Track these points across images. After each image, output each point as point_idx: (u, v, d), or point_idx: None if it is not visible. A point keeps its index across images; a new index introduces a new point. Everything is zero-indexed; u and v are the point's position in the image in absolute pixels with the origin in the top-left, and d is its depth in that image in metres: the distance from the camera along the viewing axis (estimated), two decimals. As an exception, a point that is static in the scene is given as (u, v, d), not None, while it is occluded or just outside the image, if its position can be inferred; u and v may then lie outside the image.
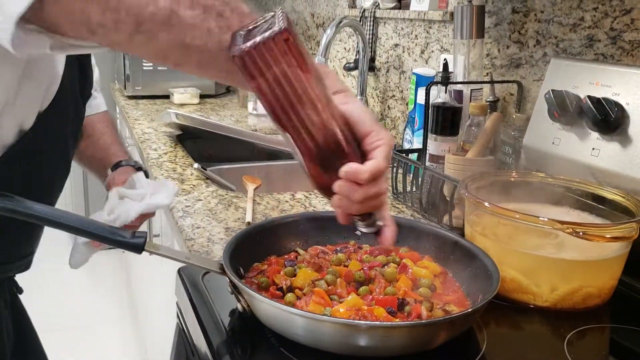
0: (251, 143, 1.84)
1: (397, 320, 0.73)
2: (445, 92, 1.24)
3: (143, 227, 1.99)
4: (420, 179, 1.27)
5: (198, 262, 0.79)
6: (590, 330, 0.82)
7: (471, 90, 1.29)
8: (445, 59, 1.25)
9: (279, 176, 1.80)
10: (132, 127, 2.13)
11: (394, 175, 1.38)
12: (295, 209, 1.30)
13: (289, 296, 0.77)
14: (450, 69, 1.29)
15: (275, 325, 0.73)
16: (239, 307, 0.76)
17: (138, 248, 0.73)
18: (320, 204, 1.33)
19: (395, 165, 1.37)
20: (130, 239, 0.72)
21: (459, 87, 1.28)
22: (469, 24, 1.26)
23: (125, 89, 2.68)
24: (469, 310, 0.70)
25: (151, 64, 2.55)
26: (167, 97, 2.65)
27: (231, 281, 0.75)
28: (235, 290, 0.76)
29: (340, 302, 0.76)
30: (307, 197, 1.38)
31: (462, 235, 0.98)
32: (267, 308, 0.71)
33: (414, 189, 1.31)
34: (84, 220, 0.73)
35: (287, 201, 1.34)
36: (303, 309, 0.73)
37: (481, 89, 1.31)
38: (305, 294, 0.78)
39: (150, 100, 2.63)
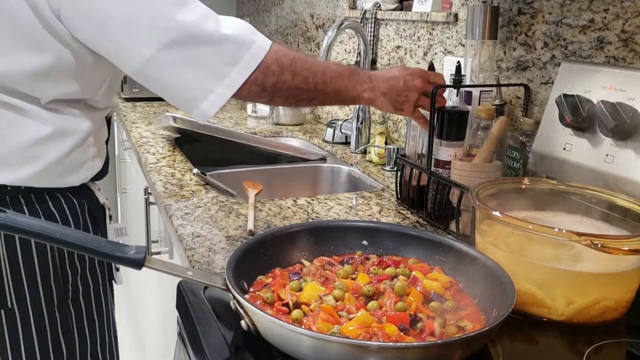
0: (251, 146, 1.81)
1: (409, 338, 0.69)
2: (457, 95, 1.21)
3: (141, 233, 1.96)
4: (426, 185, 1.23)
5: (200, 277, 0.76)
6: (609, 345, 0.79)
7: (480, 92, 1.26)
8: (458, 62, 1.22)
9: (280, 180, 1.77)
10: (129, 130, 2.10)
11: (399, 180, 1.35)
12: (298, 215, 1.27)
13: (296, 313, 0.74)
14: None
15: (282, 344, 0.70)
16: (243, 324, 0.73)
17: (138, 264, 0.70)
18: (323, 210, 1.30)
19: (400, 170, 1.34)
20: (129, 254, 0.69)
21: (469, 89, 1.25)
22: (481, 25, 1.23)
23: (122, 91, 2.64)
24: (486, 328, 0.67)
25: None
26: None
27: (236, 299, 0.72)
28: (240, 307, 0.72)
29: (350, 319, 0.73)
30: (309, 203, 1.35)
31: (471, 242, 0.95)
32: (273, 327, 0.68)
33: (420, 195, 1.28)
34: (81, 235, 0.70)
35: (289, 207, 1.31)
36: (310, 328, 0.70)
37: (491, 90, 1.28)
38: (313, 310, 0.74)
39: (148, 103, 2.60)
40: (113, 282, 1.22)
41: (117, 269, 1.22)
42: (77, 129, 1.03)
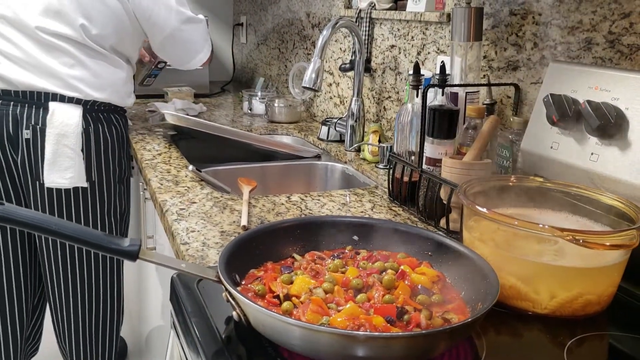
0: (246, 143, 1.83)
1: (396, 329, 0.72)
2: (442, 95, 1.23)
3: (136, 228, 1.98)
4: (417, 182, 1.26)
5: (193, 270, 0.78)
6: (590, 337, 0.81)
7: (466, 93, 1.28)
8: (442, 61, 1.24)
9: (274, 177, 1.79)
10: (125, 127, 2.11)
11: (391, 177, 1.37)
12: (291, 211, 1.29)
13: (286, 304, 0.76)
14: (447, 71, 1.28)
15: (272, 335, 0.72)
16: (235, 315, 0.75)
17: (132, 256, 0.72)
18: (316, 207, 1.32)
19: (391, 167, 1.36)
20: (124, 247, 0.71)
21: (455, 89, 1.27)
22: (466, 26, 1.25)
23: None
24: (469, 319, 0.69)
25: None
26: (161, 96, 2.63)
27: (227, 290, 0.74)
28: (231, 298, 0.74)
29: (339, 311, 0.75)
30: (302, 199, 1.37)
31: (460, 239, 0.97)
32: (264, 318, 0.70)
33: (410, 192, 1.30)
34: (77, 228, 0.72)
35: (282, 204, 1.33)
36: (300, 319, 0.72)
37: (477, 91, 1.30)
38: (303, 302, 0.77)
39: (145, 100, 2.61)
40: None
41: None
42: (129, 70, 1.76)
